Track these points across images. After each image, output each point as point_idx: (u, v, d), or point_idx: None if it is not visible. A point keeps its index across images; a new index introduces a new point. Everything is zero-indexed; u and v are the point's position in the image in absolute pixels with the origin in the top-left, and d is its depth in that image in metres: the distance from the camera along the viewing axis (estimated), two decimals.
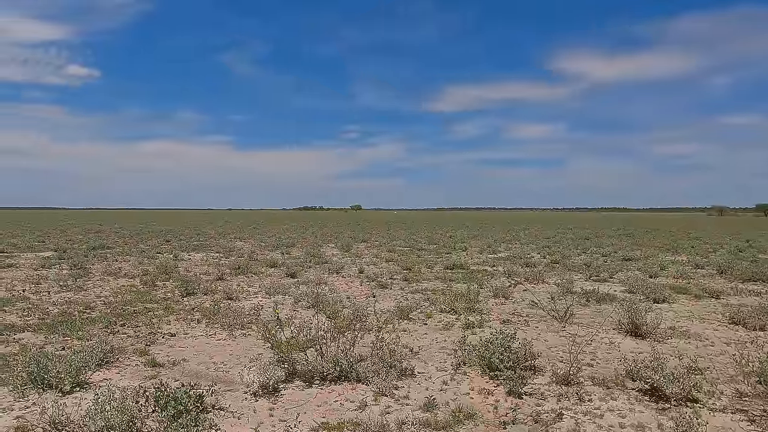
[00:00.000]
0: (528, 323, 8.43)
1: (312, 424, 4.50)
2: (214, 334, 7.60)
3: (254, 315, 8.45)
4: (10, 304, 9.46)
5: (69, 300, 10.00)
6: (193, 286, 11.04)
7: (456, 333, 7.72)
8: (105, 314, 8.65)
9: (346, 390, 5.31)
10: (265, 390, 5.18)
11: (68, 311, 8.92)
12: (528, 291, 11.48)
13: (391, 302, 10.01)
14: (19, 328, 7.74)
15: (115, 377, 5.65)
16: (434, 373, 5.87)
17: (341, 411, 4.79)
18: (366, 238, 30.44)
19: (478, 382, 5.56)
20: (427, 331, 7.94)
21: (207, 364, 6.20)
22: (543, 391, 5.28)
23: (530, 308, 9.60)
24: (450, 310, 9.17)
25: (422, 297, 10.67)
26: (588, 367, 6.02)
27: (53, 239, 27.16)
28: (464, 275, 13.88)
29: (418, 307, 9.48)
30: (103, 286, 11.82)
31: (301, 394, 5.23)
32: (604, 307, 9.75)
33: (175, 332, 7.68)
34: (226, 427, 4.40)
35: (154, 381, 5.45)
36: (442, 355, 6.62)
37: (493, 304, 9.98)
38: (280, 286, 11.64)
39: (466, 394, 5.25)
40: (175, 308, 9.29)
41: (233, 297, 10.43)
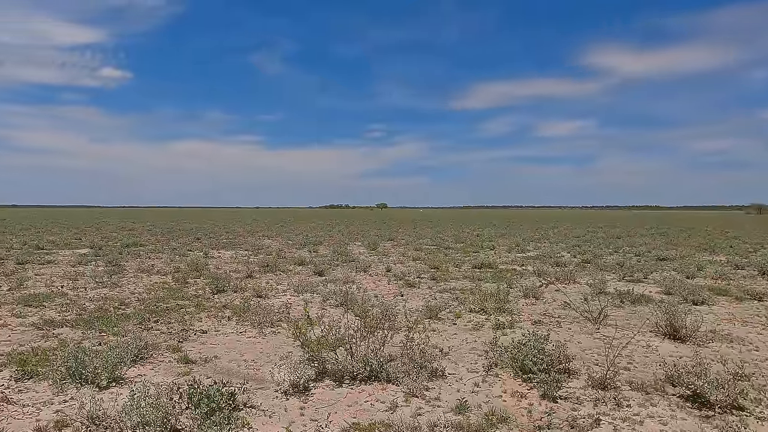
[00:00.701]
0: (560, 324, 8.24)
1: (343, 424, 4.47)
2: (245, 332, 7.67)
3: (283, 313, 8.50)
4: (49, 299, 9.76)
5: (104, 296, 10.25)
6: (223, 283, 11.19)
7: (486, 333, 7.59)
8: (139, 311, 8.84)
9: (376, 390, 5.27)
10: (296, 389, 5.19)
11: (104, 307, 9.15)
12: (559, 291, 11.24)
13: (420, 301, 9.93)
14: (58, 324, 7.97)
15: (149, 373, 5.74)
16: (465, 375, 5.78)
17: (372, 412, 4.75)
18: (392, 236, 30.40)
19: (510, 384, 5.44)
20: (456, 331, 7.84)
21: (238, 362, 6.25)
22: (579, 395, 5.13)
23: (562, 309, 9.38)
24: (479, 310, 9.04)
25: (451, 296, 10.56)
26: (625, 371, 5.83)
27: (89, 237, 27.99)
28: (493, 274, 13.69)
29: (447, 307, 9.37)
30: (137, 282, 12.09)
31: (331, 393, 5.21)
32: (640, 308, 9.47)
33: (207, 329, 7.78)
34: (258, 426, 4.41)
35: (187, 378, 5.52)
36: (473, 356, 6.51)
37: (524, 305, 9.80)
38: (308, 284, 11.69)
39: (499, 396, 5.14)
40: (206, 305, 9.42)
41: (262, 295, 10.52)
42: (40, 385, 5.33)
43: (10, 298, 9.94)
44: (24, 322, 8.05)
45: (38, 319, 8.19)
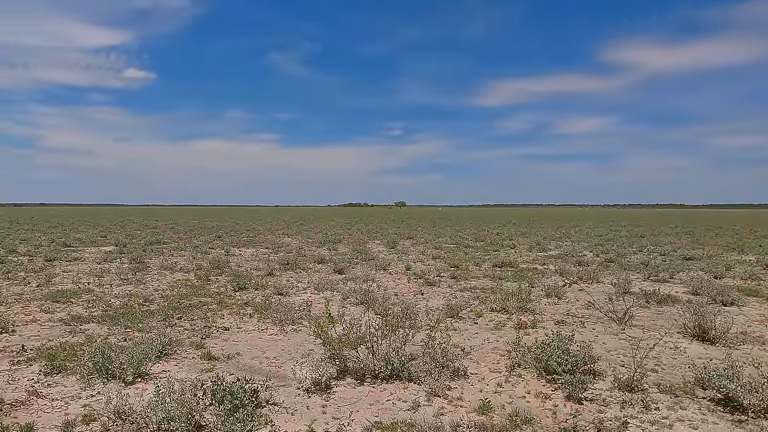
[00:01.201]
0: (584, 325, 8.10)
1: (365, 422, 4.45)
2: (266, 329, 7.72)
3: (304, 311, 8.53)
4: (76, 296, 9.97)
5: (129, 293, 10.43)
6: (244, 281, 11.30)
7: (508, 333, 7.50)
8: (163, 307, 8.96)
9: (398, 389, 5.24)
10: (318, 386, 5.19)
11: (129, 304, 9.30)
12: (583, 291, 11.06)
13: (440, 300, 9.87)
14: (85, 319, 8.13)
15: (174, 369, 5.81)
16: (488, 375, 5.71)
17: (394, 411, 4.73)
18: (411, 234, 30.33)
19: (534, 385, 5.36)
20: (478, 330, 7.76)
21: (260, 359, 6.29)
22: (605, 397, 5.02)
23: (586, 309, 9.23)
24: (501, 309, 8.94)
25: (471, 295, 10.47)
26: (652, 373, 5.70)
27: (114, 234, 28.56)
28: (514, 273, 13.55)
29: (468, 306, 9.29)
30: (160, 279, 12.28)
31: (352, 391, 5.21)
32: (666, 309, 9.25)
33: (229, 326, 7.85)
34: (281, 423, 4.42)
35: (210, 374, 5.57)
36: (495, 355, 6.44)
37: (546, 304, 9.66)
38: (329, 282, 11.73)
39: (522, 397, 5.07)
40: (228, 302, 9.52)
41: (283, 292, 10.58)
42: (68, 379, 5.43)
43: (38, 294, 10.19)
44: (52, 318, 8.24)
45: (66, 315, 8.37)
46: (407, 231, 34.21)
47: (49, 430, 4.26)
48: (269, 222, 50.39)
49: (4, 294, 9.91)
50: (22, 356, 6.22)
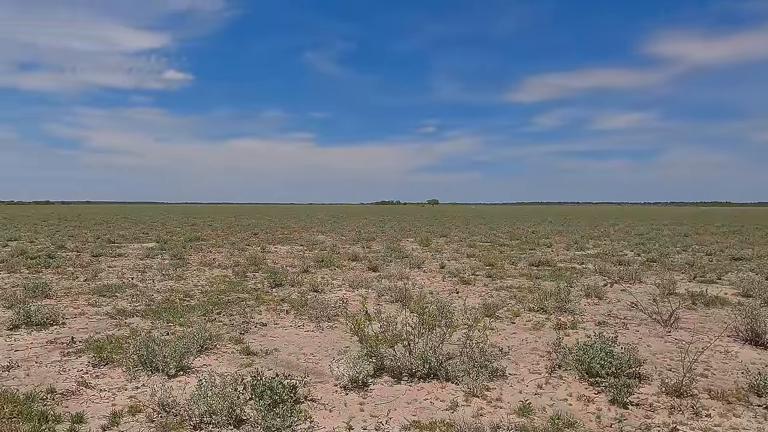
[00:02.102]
0: (627, 326, 7.84)
1: (403, 421, 4.43)
2: (303, 326, 7.79)
3: (340, 308, 8.57)
4: (121, 290, 10.33)
5: (171, 288, 10.73)
6: (280, 277, 11.45)
7: (547, 333, 7.33)
8: (202, 303, 9.18)
9: (435, 388, 5.19)
10: (355, 384, 5.19)
11: (170, 299, 9.57)
12: (625, 291, 10.71)
13: (476, 299, 9.74)
14: (129, 313, 8.40)
15: (214, 363, 5.93)
16: (527, 376, 5.59)
17: (432, 410, 4.68)
18: (445, 232, 30.12)
19: (576, 387, 5.21)
20: (515, 330, 7.62)
21: (297, 355, 6.35)
22: (651, 401, 4.84)
23: (628, 310, 8.93)
24: (539, 309, 8.76)
25: (508, 294, 10.30)
26: (702, 378, 5.45)
27: (155, 231, 29.48)
28: (551, 273, 13.25)
29: (505, 305, 9.15)
30: (200, 275, 12.59)
31: (390, 389, 5.19)
32: (714, 311, 8.86)
33: (266, 322, 7.96)
34: (319, 420, 4.44)
35: (249, 369, 5.66)
36: (534, 356, 6.30)
37: (586, 305, 9.40)
38: (363, 279, 11.76)
39: (564, 400, 4.93)
40: (265, 299, 9.66)
41: (319, 289, 10.67)
42: (114, 371, 5.62)
43: (86, 288, 10.60)
44: (99, 311, 8.55)
45: (111, 309, 8.68)
46: (441, 229, 33.99)
47: (97, 420, 4.40)
48: (304, 219, 51.00)
49: (55, 288, 10.35)
50: (72, 348, 6.47)
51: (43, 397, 4.82)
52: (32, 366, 5.79)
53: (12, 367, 5.70)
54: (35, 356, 6.14)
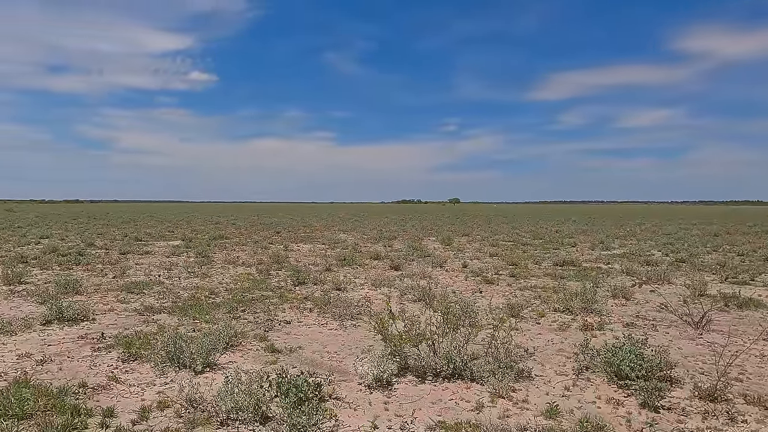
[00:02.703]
0: (656, 328, 7.65)
1: (428, 421, 4.40)
2: (326, 324, 7.82)
3: (363, 306, 8.58)
4: (148, 287, 10.53)
5: (196, 285, 10.90)
6: (303, 276, 11.52)
7: (573, 334, 7.21)
8: (227, 300, 9.29)
9: (460, 389, 5.15)
10: (379, 383, 5.18)
11: (196, 296, 9.71)
12: (654, 292, 10.46)
13: (500, 298, 9.64)
14: (157, 310, 8.56)
15: (239, 360, 5.99)
16: (553, 377, 5.50)
17: (457, 411, 4.64)
18: (467, 231, 29.92)
19: (604, 390, 5.11)
20: (540, 330, 7.51)
21: (321, 353, 6.37)
22: (684, 406, 4.70)
23: (657, 311, 8.72)
24: (564, 310, 8.62)
25: (532, 294, 10.17)
26: (737, 383, 5.28)
27: (180, 230, 30.01)
28: (576, 273, 13.03)
29: (529, 305, 9.03)
30: (224, 273, 12.75)
31: (414, 389, 5.16)
32: (748, 313, 8.59)
33: (290, 320, 8.02)
34: (344, 418, 4.45)
35: (274, 367, 5.70)
36: (560, 357, 6.20)
37: (613, 305, 9.21)
38: (385, 278, 11.75)
39: (592, 402, 4.84)
40: (289, 297, 9.73)
41: (341, 288, 10.70)
42: (143, 366, 5.73)
43: (115, 285, 10.84)
44: (127, 308, 8.74)
45: (139, 305, 8.85)
46: (462, 228, 33.78)
47: (127, 414, 4.49)
48: (325, 218, 51.28)
49: (85, 284, 10.61)
50: (102, 343, 6.62)
51: (75, 391, 4.94)
52: (64, 360, 5.94)
53: (45, 361, 5.86)
54: (67, 351, 6.30)
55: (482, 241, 23.04)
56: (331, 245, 20.61)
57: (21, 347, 6.43)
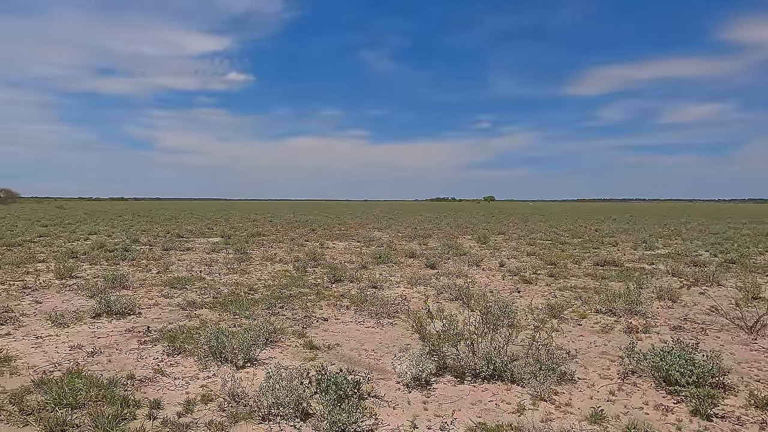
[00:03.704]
0: (706, 332, 7.33)
1: (468, 423, 4.34)
2: (363, 321, 7.84)
3: (399, 305, 8.57)
4: (190, 283, 10.83)
5: (236, 282, 11.13)
6: (339, 273, 11.60)
7: (617, 337, 6.99)
8: (266, 296, 9.45)
9: (500, 390, 5.07)
10: (418, 382, 5.16)
11: (236, 292, 9.92)
12: (704, 294, 10.03)
13: (539, 299, 9.44)
14: (199, 305, 8.79)
15: (279, 356, 6.08)
16: (597, 381, 5.35)
17: (497, 412, 4.56)
18: (503, 230, 29.49)
19: (652, 395, 4.92)
20: (582, 332, 7.32)
21: (359, 351, 6.39)
22: (739, 414, 4.48)
23: (706, 314, 8.36)
24: (607, 311, 8.37)
25: (573, 295, 9.92)
26: None
27: (219, 227, 30.75)
28: (618, 273, 12.64)
29: (570, 306, 8.81)
30: (262, 270, 12.98)
31: (453, 389, 5.11)
32: None
33: (327, 317, 8.08)
34: (383, 416, 4.44)
35: (312, 363, 5.75)
36: (604, 360, 6.02)
37: (658, 308, 8.88)
38: (421, 276, 11.70)
39: (639, 408, 4.67)
40: (326, 294, 9.81)
41: (377, 286, 10.71)
42: (187, 360, 5.88)
43: (158, 280, 11.19)
44: (171, 303, 9.00)
45: (182, 300, 9.11)
46: (498, 226, 33.32)
47: (173, 406, 4.62)
48: (360, 216, 51.56)
49: (131, 279, 11.00)
50: (148, 337, 6.84)
51: (123, 382, 5.11)
52: (113, 353, 6.17)
53: (96, 353, 6.10)
54: (116, 343, 6.54)
55: (519, 240, 22.65)
56: (367, 243, 20.68)
57: (73, 339, 6.71)
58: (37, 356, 6.01)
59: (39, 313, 8.09)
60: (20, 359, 5.87)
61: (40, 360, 5.87)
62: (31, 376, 5.28)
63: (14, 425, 4.28)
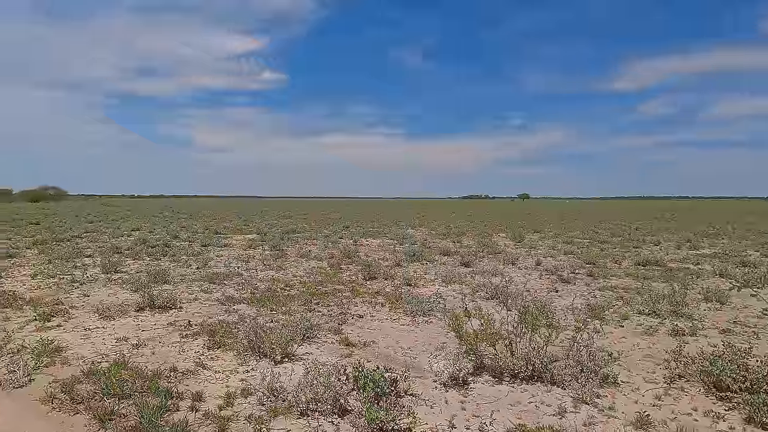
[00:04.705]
0: (758, 336, 6.99)
1: (507, 424, 4.27)
2: (398, 319, 7.83)
3: (434, 303, 8.51)
4: (228, 278, 11.06)
5: (272, 278, 11.30)
6: (374, 270, 11.61)
7: (662, 339, 6.74)
8: (302, 292, 9.56)
9: (539, 391, 4.96)
10: (455, 381, 5.10)
11: (272, 288, 10.07)
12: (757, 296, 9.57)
13: (578, 299, 9.20)
14: (237, 300, 8.96)
15: (315, 352, 6.13)
16: (642, 384, 5.16)
17: (538, 414, 4.47)
18: (538, 228, 28.94)
19: (701, 401, 4.72)
20: (624, 334, 7.09)
21: (395, 348, 6.38)
22: None
23: (758, 317, 7.96)
24: (650, 313, 8.09)
25: (613, 295, 9.63)
26: None
27: (254, 224, 31.31)
28: (662, 273, 12.20)
29: (611, 307, 8.55)
30: (297, 266, 13.13)
31: (491, 390, 5.03)
32: None
33: (363, 314, 8.10)
34: (421, 415, 4.41)
35: (349, 360, 5.78)
36: (649, 364, 5.81)
37: (706, 310, 8.52)
38: (456, 274, 11.59)
39: (688, 414, 4.48)
40: (360, 291, 9.84)
41: (412, 283, 10.68)
42: (227, 354, 6.00)
43: (198, 275, 11.47)
44: (210, 298, 9.21)
45: (221, 296, 9.30)
46: (533, 224, 32.71)
47: (214, 399, 4.72)
48: (392, 213, 51.58)
49: (172, 275, 11.32)
50: (189, 330, 7.02)
51: (167, 374, 5.26)
52: (156, 345, 6.35)
53: (140, 346, 6.30)
54: (158, 336, 6.74)
55: (555, 238, 22.17)
56: (400, 240, 20.66)
57: (119, 331, 6.96)
58: (86, 347, 6.26)
59: (87, 306, 8.41)
60: (70, 350, 6.13)
61: (88, 351, 6.11)
62: (81, 366, 5.49)
63: (66, 413, 4.46)
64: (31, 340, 6.44)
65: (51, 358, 5.77)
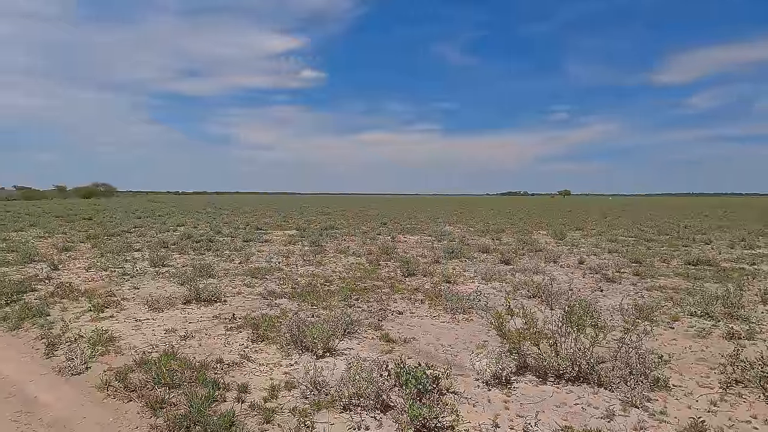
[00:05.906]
0: None
1: (553, 425, 4.17)
2: (438, 316, 7.78)
3: (474, 300, 8.42)
4: (269, 273, 11.28)
5: (312, 273, 11.46)
6: (413, 267, 11.59)
7: (716, 343, 6.44)
8: (342, 288, 9.64)
9: (586, 393, 4.83)
10: (498, 380, 5.03)
11: (312, 283, 10.20)
12: None
13: (624, 299, 8.89)
14: (278, 295, 9.12)
15: (356, 348, 6.17)
16: (695, 389, 4.95)
17: (584, 416, 4.35)
18: (580, 225, 28.18)
19: (761, 408, 4.48)
20: (674, 336, 6.81)
21: (435, 345, 6.35)
22: None
23: None
24: (703, 314, 7.74)
25: (662, 295, 9.27)
26: None
27: (294, 220, 31.81)
28: (714, 273, 11.66)
29: (660, 307, 8.23)
30: (336, 262, 13.26)
31: (535, 390, 4.94)
32: None
33: (402, 311, 8.10)
34: (464, 413, 4.37)
35: (389, 356, 5.78)
36: (702, 367, 5.56)
37: (764, 312, 8.09)
38: (496, 272, 11.43)
39: (746, 422, 4.27)
40: (400, 288, 9.84)
41: (451, 280, 10.60)
42: (270, 347, 6.12)
43: (240, 270, 11.75)
44: (253, 292, 9.42)
45: (263, 290, 9.50)
46: (575, 221, 31.87)
47: (259, 391, 4.82)
48: (430, 210, 51.34)
49: (216, 269, 11.63)
50: (233, 323, 7.19)
51: (213, 366, 5.41)
52: (203, 337, 6.55)
53: (188, 337, 6.51)
54: (205, 329, 6.94)
55: (598, 236, 21.53)
56: (438, 237, 20.54)
57: (167, 323, 7.21)
58: (137, 338, 6.52)
59: (137, 298, 8.76)
60: (123, 340, 6.39)
61: (139, 341, 6.36)
62: (133, 355, 5.72)
63: (120, 400, 4.65)
64: (87, 329, 6.75)
65: (105, 348, 6.04)
